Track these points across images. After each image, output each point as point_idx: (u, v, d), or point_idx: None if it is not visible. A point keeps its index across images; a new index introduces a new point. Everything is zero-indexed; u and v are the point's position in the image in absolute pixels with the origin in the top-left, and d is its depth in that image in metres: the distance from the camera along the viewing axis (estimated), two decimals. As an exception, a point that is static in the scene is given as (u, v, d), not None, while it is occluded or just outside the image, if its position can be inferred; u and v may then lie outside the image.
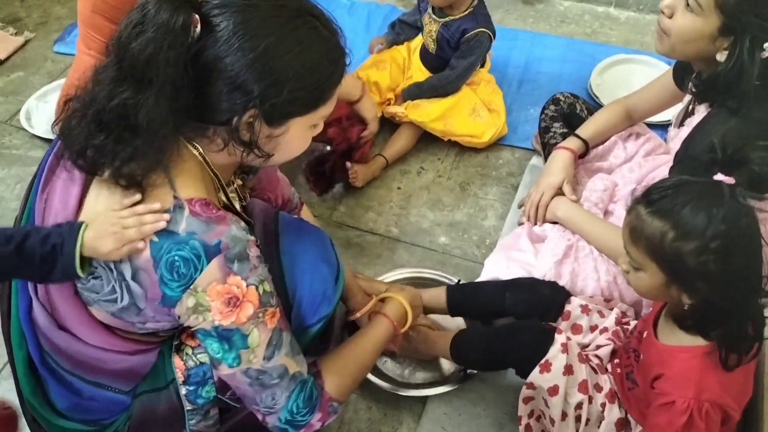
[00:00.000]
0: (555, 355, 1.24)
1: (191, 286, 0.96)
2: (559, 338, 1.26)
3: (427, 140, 2.09)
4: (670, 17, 1.32)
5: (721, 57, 1.28)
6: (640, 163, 1.69)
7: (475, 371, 1.49)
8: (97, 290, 1.01)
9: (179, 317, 1.00)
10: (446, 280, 1.66)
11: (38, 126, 2.11)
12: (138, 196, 0.98)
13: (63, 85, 1.78)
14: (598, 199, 1.62)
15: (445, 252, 1.80)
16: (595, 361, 1.32)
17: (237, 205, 1.16)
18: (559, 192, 1.63)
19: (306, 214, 1.52)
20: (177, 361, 1.14)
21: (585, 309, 1.40)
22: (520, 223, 1.72)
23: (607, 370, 1.31)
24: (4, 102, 2.24)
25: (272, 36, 0.95)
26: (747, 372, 1.11)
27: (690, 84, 1.41)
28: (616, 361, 1.31)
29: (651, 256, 1.07)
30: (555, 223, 1.62)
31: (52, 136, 2.03)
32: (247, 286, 0.98)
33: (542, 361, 1.24)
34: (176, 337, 1.17)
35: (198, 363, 1.15)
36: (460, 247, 1.81)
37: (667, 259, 1.05)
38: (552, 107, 1.82)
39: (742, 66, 1.25)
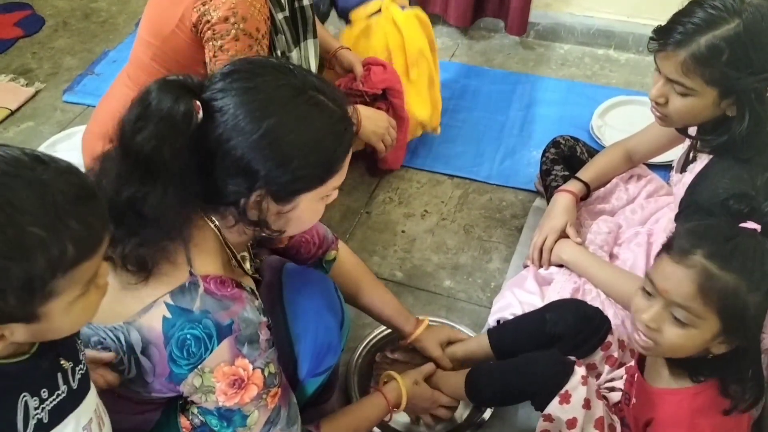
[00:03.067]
0: (575, 387, 1.22)
1: (199, 366, 0.96)
2: (579, 370, 1.24)
3: (430, 183, 2.10)
4: (665, 104, 1.31)
5: (731, 112, 1.26)
6: (643, 205, 1.70)
7: (486, 418, 1.47)
8: None
9: (183, 392, 1.00)
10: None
11: (47, 175, 2.13)
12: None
13: (94, 116, 1.80)
14: (602, 241, 1.62)
15: (450, 296, 1.79)
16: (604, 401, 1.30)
17: (248, 265, 1.15)
18: (563, 235, 1.64)
19: (344, 249, 1.48)
20: (183, 421, 1.12)
21: (622, 345, 1.38)
22: (525, 266, 1.72)
23: (612, 411, 1.30)
24: (13, 152, 2.27)
25: (273, 116, 0.95)
26: (739, 419, 1.10)
27: (696, 139, 1.38)
28: (618, 405, 1.30)
29: (717, 310, 1.02)
30: (561, 266, 1.62)
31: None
32: (254, 369, 0.98)
33: (562, 392, 1.22)
34: (181, 396, 1.16)
35: (203, 421, 1.13)
36: (465, 291, 1.80)
37: (737, 312, 1.02)
38: (553, 150, 1.84)
39: (758, 116, 1.23)
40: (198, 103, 0.94)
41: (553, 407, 1.23)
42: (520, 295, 1.59)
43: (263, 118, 0.95)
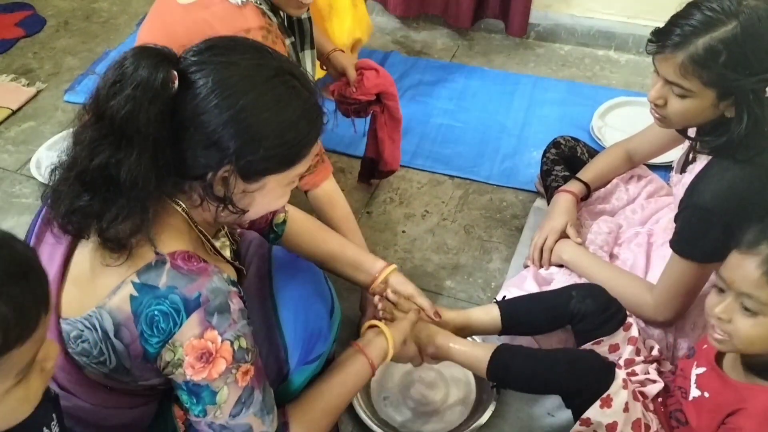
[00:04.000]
0: (617, 391, 1.22)
1: (170, 341, 0.95)
2: (620, 374, 1.24)
3: (431, 183, 2.11)
4: (664, 106, 1.31)
5: (729, 113, 1.26)
6: (643, 205, 1.71)
7: (484, 420, 1.45)
8: (87, 354, 1.00)
9: (160, 368, 1.00)
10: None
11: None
12: None
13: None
14: (603, 242, 1.63)
15: (450, 296, 1.79)
16: (641, 398, 1.30)
17: (227, 252, 1.15)
18: (563, 235, 1.64)
19: (292, 208, 1.42)
20: (177, 411, 1.14)
21: (640, 332, 1.39)
22: (525, 266, 1.72)
23: (648, 408, 1.29)
24: (15, 151, 2.27)
25: (250, 94, 0.96)
26: None
27: (696, 140, 1.39)
28: (660, 399, 1.30)
29: None
30: (561, 266, 1.63)
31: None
32: (222, 341, 0.97)
33: (604, 396, 1.21)
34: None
35: None
36: (466, 291, 1.81)
37: None
38: (553, 150, 1.84)
39: (756, 117, 1.23)
40: (175, 72, 0.94)
41: (593, 411, 1.22)
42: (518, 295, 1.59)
43: (240, 95, 0.96)
